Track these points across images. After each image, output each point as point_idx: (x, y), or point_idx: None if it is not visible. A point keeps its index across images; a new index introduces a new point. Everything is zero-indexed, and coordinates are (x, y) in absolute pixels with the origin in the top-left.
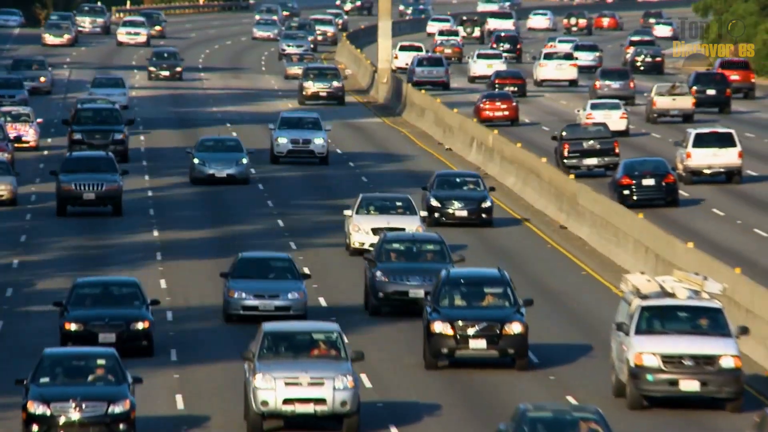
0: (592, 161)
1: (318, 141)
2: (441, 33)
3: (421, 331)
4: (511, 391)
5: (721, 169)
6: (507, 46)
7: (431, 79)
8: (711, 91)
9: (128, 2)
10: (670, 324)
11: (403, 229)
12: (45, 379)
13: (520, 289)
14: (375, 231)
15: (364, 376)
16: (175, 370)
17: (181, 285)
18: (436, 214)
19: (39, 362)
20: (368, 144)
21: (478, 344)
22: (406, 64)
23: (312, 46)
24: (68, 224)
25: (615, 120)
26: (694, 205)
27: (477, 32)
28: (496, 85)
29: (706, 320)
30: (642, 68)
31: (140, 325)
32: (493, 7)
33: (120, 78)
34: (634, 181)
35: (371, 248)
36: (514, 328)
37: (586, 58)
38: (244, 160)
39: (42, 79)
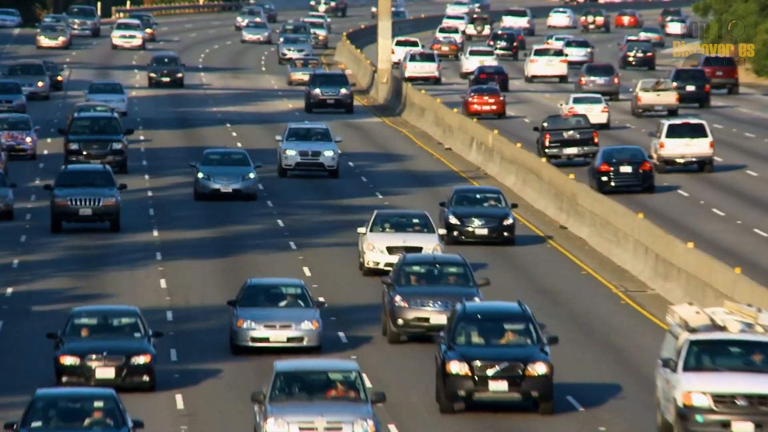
0: (572, 150)
1: (328, 153)
2: (441, 30)
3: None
4: None
5: (693, 159)
6: (504, 43)
7: (422, 74)
8: (690, 87)
9: (128, 2)
10: (722, 360)
11: (420, 249)
12: (37, 424)
13: (545, 317)
14: (390, 250)
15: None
16: (175, 370)
17: (181, 285)
18: (455, 232)
19: (30, 404)
20: (368, 144)
21: (499, 386)
22: (399, 60)
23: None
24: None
25: (596, 114)
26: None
27: (487, 30)
28: (479, 80)
29: (761, 356)
30: (633, 63)
31: (141, 359)
32: (463, 9)
33: (118, 84)
34: (612, 168)
35: (386, 268)
36: (538, 368)
37: (577, 54)
38: (252, 175)
39: (40, 83)
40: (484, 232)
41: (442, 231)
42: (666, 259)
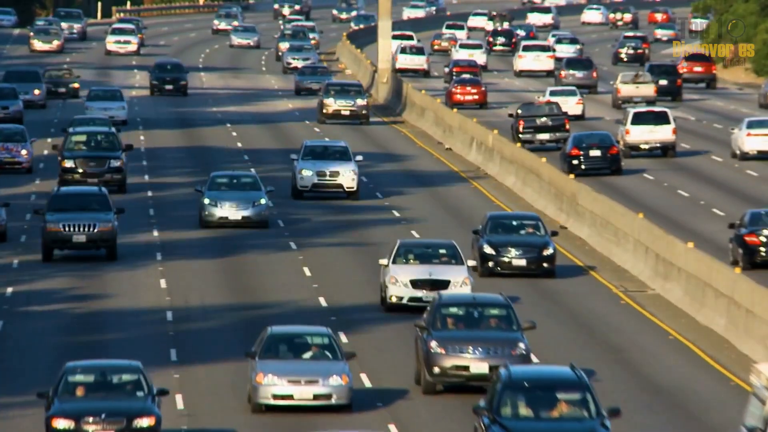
0: (544, 136)
1: (347, 173)
2: (448, 27)
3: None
4: None
5: (657, 144)
6: (503, 39)
7: (412, 66)
8: (663, 81)
9: (128, 2)
10: None
11: (448, 282)
12: None
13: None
14: (415, 283)
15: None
16: (175, 370)
17: (181, 285)
18: (490, 263)
19: None
20: (368, 144)
21: None
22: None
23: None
24: None
25: (572, 105)
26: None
27: (506, 26)
28: (454, 73)
29: None
30: (625, 59)
31: (145, 422)
32: (420, 13)
33: (117, 90)
34: (582, 152)
35: (411, 303)
36: None
37: (567, 50)
38: (263, 201)
39: (36, 91)
40: (522, 262)
41: (472, 262)
42: (666, 259)
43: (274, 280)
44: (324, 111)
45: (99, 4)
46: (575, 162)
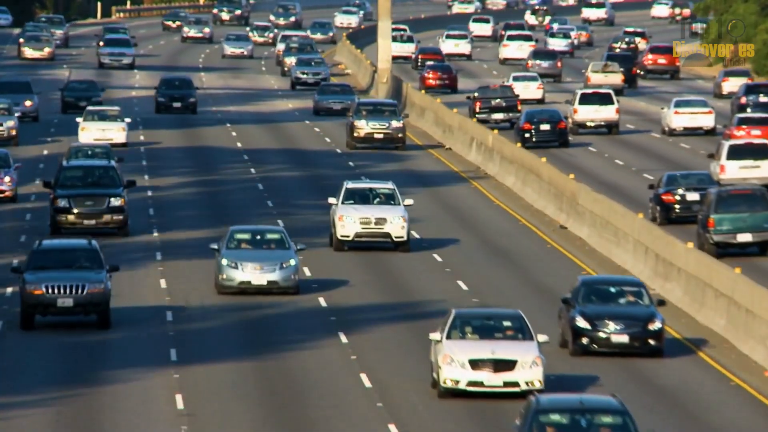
0: (498, 116)
1: (395, 220)
2: (475, 21)
3: None
4: None
5: (602, 122)
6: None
7: (401, 53)
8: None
9: (128, 2)
10: None
11: (514, 362)
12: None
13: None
14: (474, 364)
15: None
16: (175, 370)
17: (181, 285)
18: (585, 340)
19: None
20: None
21: None
22: None
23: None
24: None
25: (532, 90)
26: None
27: (547, 20)
28: (419, 60)
29: None
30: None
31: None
32: (353, 19)
33: (118, 109)
34: (533, 126)
35: (470, 389)
36: None
37: (558, 44)
38: (293, 261)
39: (28, 102)
40: (624, 339)
41: (543, 337)
42: (666, 259)
43: None
44: (354, 134)
45: (99, 4)
46: (527, 135)
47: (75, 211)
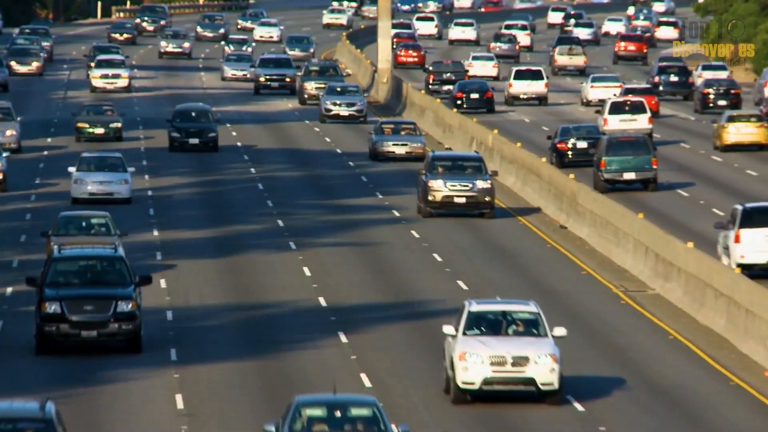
0: (449, 87)
1: (542, 359)
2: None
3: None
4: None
5: (534, 96)
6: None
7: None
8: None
9: (128, 2)
10: None
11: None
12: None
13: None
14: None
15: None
16: (175, 370)
17: (181, 285)
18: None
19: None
20: (368, 143)
21: None
22: None
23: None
24: None
25: (489, 68)
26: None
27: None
28: (395, 43)
29: None
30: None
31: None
32: (339, 18)
33: (119, 157)
34: (464, 95)
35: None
36: None
37: (582, 33)
38: None
39: (9, 132)
40: None
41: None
42: (666, 259)
43: (274, 280)
44: (430, 199)
45: (99, 4)
46: (459, 102)
47: (72, 319)
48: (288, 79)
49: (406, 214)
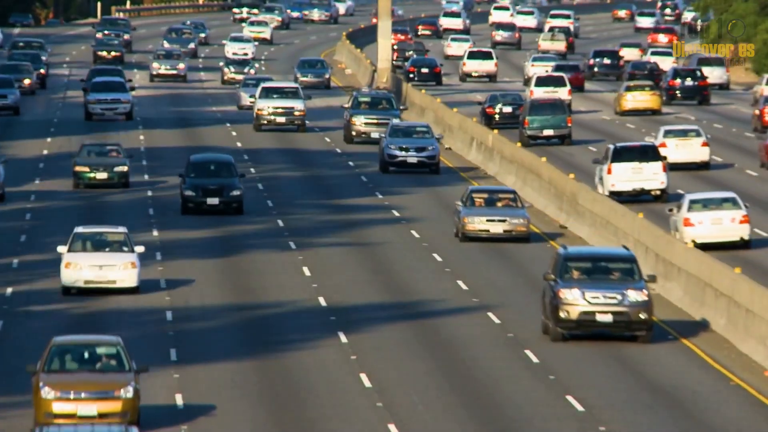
0: (425, 71)
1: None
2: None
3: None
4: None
5: (484, 74)
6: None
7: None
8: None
9: (128, 2)
10: None
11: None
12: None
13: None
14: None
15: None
16: (175, 370)
17: (181, 285)
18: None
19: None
20: (368, 143)
21: None
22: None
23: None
24: (69, 223)
25: (465, 48)
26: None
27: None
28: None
29: None
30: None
31: None
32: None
33: (125, 233)
34: (415, 69)
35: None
36: None
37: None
38: None
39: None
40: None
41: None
42: (666, 259)
43: (274, 280)
44: (563, 316)
45: (99, 3)
46: (411, 76)
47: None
48: (297, 113)
49: (407, 214)
